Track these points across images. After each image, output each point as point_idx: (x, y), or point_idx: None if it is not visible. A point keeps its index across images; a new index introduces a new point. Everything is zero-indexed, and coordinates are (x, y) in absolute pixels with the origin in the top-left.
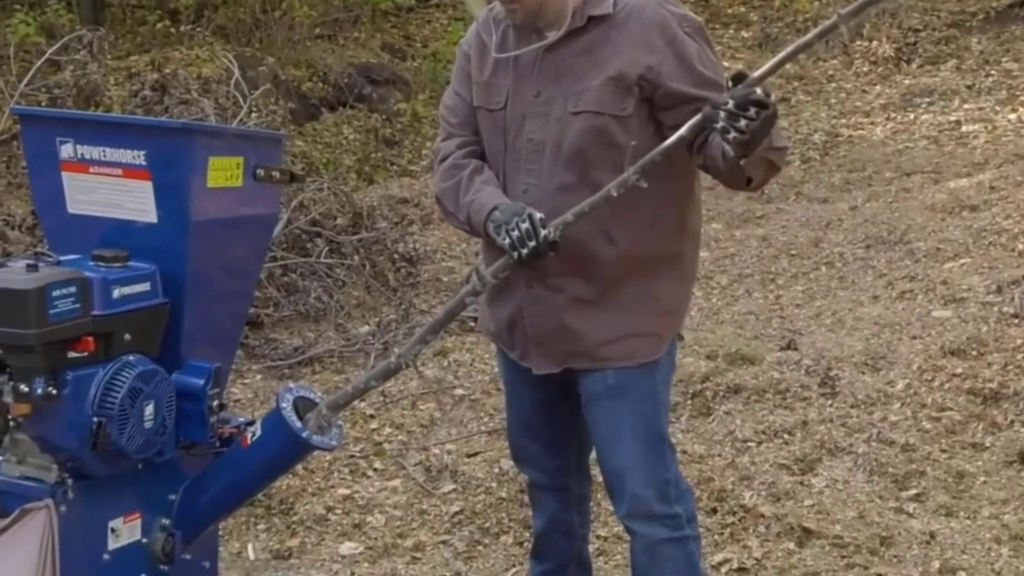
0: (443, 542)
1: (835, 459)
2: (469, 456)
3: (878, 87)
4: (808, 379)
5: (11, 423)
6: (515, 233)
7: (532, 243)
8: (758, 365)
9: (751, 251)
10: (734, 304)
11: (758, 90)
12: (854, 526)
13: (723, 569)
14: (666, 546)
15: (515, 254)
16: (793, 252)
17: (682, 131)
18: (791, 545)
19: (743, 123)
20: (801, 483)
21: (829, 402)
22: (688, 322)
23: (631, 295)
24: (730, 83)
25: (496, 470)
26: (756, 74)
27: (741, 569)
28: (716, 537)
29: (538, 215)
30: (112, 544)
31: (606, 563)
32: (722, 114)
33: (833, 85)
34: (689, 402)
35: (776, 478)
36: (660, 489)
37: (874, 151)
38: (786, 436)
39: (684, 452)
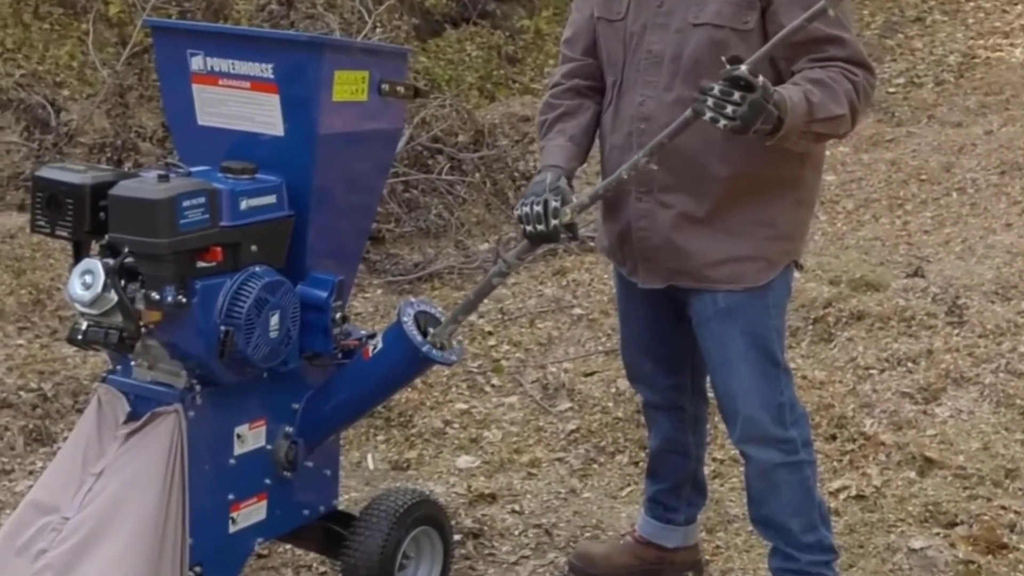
0: (559, 459)
1: (960, 389)
2: (586, 375)
3: (1019, 7)
4: (935, 307)
5: (143, 329)
6: (526, 210)
7: (540, 227)
8: (883, 292)
9: (879, 175)
10: (860, 229)
11: (743, 68)
12: (978, 457)
13: (841, 496)
14: (781, 470)
15: (523, 228)
16: (923, 177)
17: (687, 113)
18: (912, 474)
19: (729, 109)
20: (924, 412)
21: (956, 331)
22: (812, 247)
23: (743, 217)
24: (726, 65)
25: (613, 390)
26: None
27: (859, 496)
28: (835, 464)
29: (553, 203)
30: (238, 449)
31: (721, 485)
32: (709, 101)
33: (971, 4)
34: (810, 328)
35: (898, 406)
36: (774, 413)
37: (1012, 73)
38: (910, 364)
39: (804, 378)
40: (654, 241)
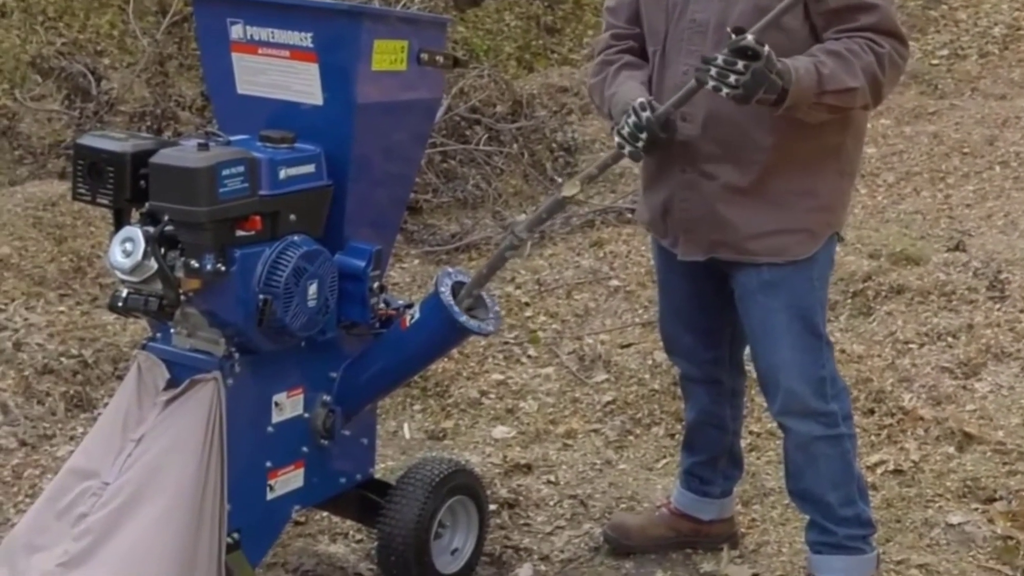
0: (594, 430)
1: (1001, 364)
2: (623, 347)
3: None
4: (976, 281)
5: (182, 297)
6: (625, 131)
7: (643, 135)
8: (923, 266)
9: (921, 148)
10: (900, 203)
11: (748, 37)
12: (1018, 433)
13: (879, 470)
14: (820, 444)
15: (627, 149)
16: (966, 150)
17: (690, 83)
18: (950, 449)
19: (732, 79)
20: (964, 387)
21: (997, 306)
22: (851, 220)
23: (786, 188)
24: (731, 35)
25: (649, 362)
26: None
27: (897, 471)
28: (872, 438)
29: (639, 99)
30: (276, 417)
31: (758, 458)
32: (712, 71)
33: None
34: (849, 301)
35: (937, 381)
36: (815, 386)
37: None
38: (950, 339)
39: (842, 351)
40: (697, 212)
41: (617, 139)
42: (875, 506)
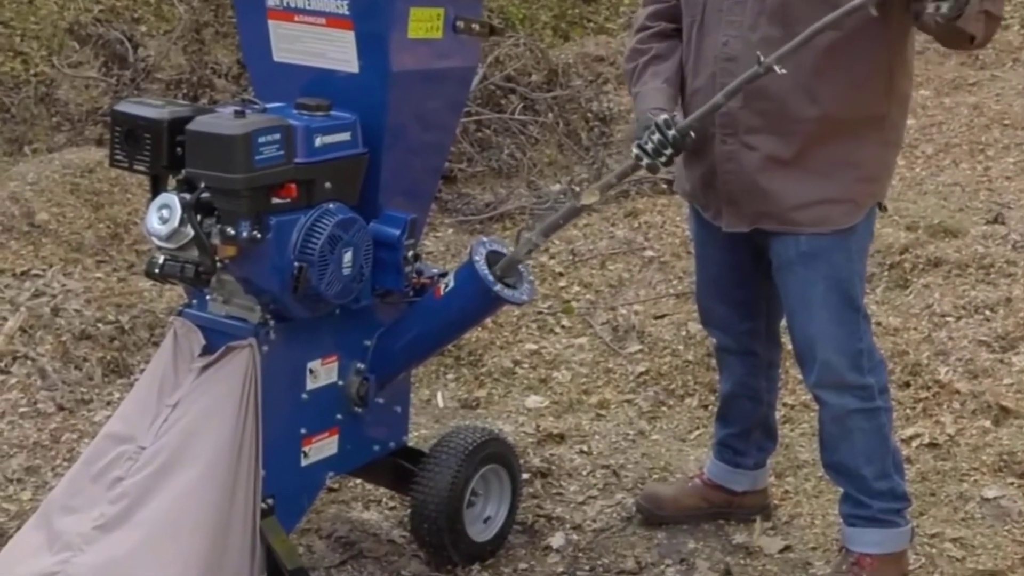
0: (627, 401)
1: None
2: (656, 317)
3: None
4: (1015, 255)
5: (218, 264)
6: (647, 147)
7: (667, 151)
8: (961, 238)
9: (960, 120)
10: (939, 174)
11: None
12: None
13: (914, 443)
14: (856, 417)
15: (644, 162)
16: (1006, 122)
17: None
18: (987, 423)
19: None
20: (1001, 361)
21: None
22: (889, 191)
23: (829, 158)
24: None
25: (683, 333)
26: None
27: (932, 444)
28: (908, 411)
29: (663, 117)
30: (310, 384)
31: (792, 431)
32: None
33: None
34: (886, 273)
35: (974, 354)
36: (852, 358)
37: None
38: (987, 312)
39: (879, 324)
40: (739, 184)
41: (637, 151)
42: (910, 479)
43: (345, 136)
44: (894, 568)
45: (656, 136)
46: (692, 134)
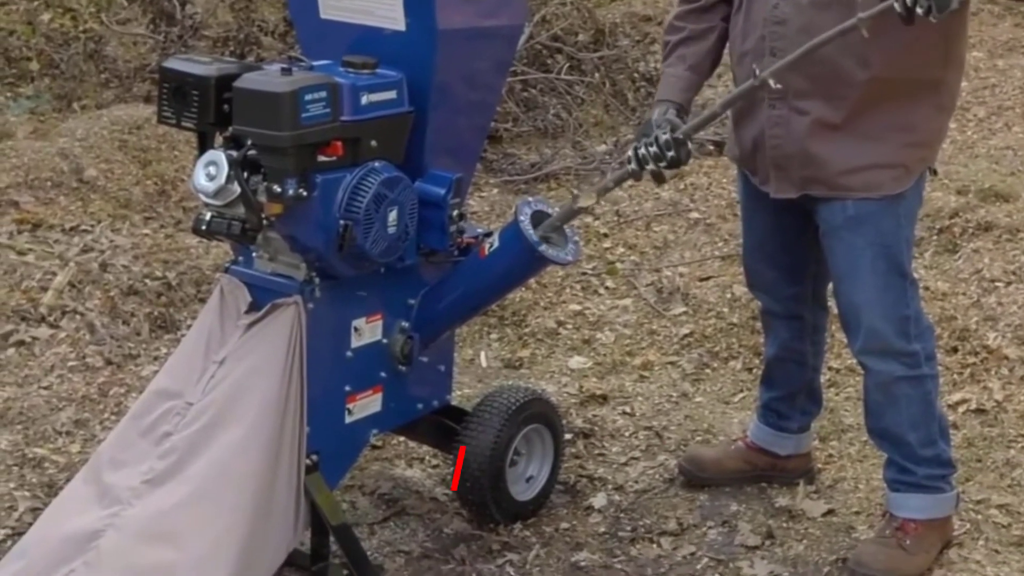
0: (671, 363)
1: None
2: (701, 280)
3: None
4: None
5: (264, 221)
6: (642, 152)
7: (661, 163)
8: (1013, 203)
9: (1014, 82)
10: (991, 138)
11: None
12: None
13: (960, 409)
14: (901, 384)
15: (637, 169)
16: None
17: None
18: None
19: None
20: None
21: None
22: (940, 155)
23: (881, 123)
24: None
25: (728, 295)
26: None
27: (979, 410)
28: (955, 376)
29: (664, 137)
30: (355, 342)
31: (837, 395)
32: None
33: None
34: (935, 238)
35: (1023, 320)
36: (898, 325)
37: None
38: None
39: (926, 289)
40: (788, 149)
41: (632, 156)
42: (956, 445)
43: (391, 94)
44: (938, 534)
45: (652, 149)
46: (689, 144)
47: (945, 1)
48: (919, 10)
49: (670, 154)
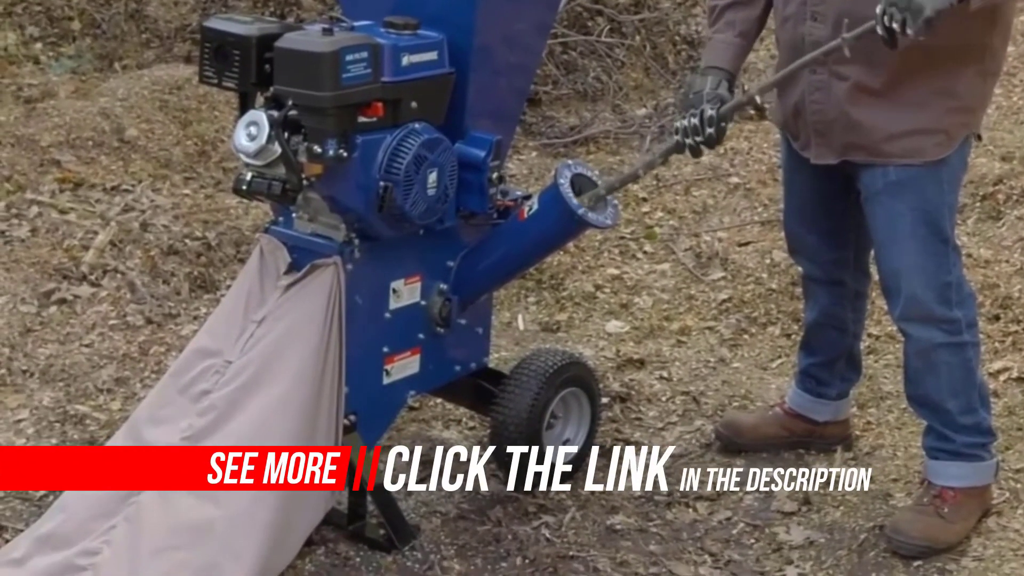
0: (709, 328)
1: None
2: (740, 245)
3: None
4: None
5: (304, 182)
6: (684, 123)
7: (698, 138)
8: None
9: None
10: None
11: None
12: None
13: (1001, 377)
14: (942, 351)
15: (682, 142)
16: None
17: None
18: None
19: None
20: None
21: None
22: (984, 121)
23: (923, 88)
24: None
25: (767, 261)
26: None
27: (1020, 378)
28: (996, 344)
29: (709, 112)
30: (393, 304)
31: (876, 362)
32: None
33: None
34: (978, 204)
35: None
36: (940, 292)
37: None
38: None
39: (969, 256)
40: (829, 114)
41: (676, 125)
42: (996, 413)
43: (432, 56)
44: (977, 502)
45: (694, 121)
46: (725, 124)
47: (917, 11)
48: (895, 25)
49: (709, 131)
